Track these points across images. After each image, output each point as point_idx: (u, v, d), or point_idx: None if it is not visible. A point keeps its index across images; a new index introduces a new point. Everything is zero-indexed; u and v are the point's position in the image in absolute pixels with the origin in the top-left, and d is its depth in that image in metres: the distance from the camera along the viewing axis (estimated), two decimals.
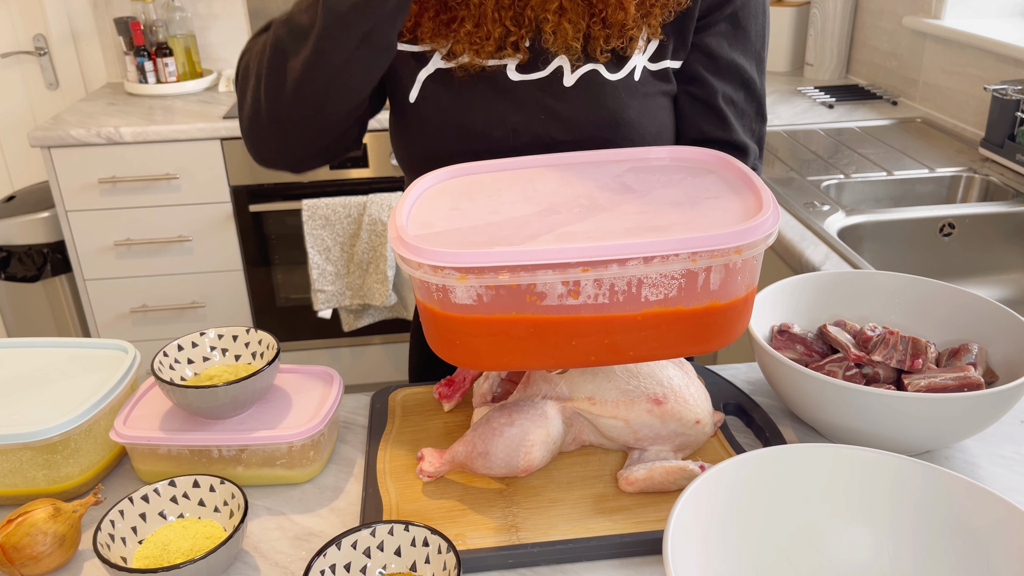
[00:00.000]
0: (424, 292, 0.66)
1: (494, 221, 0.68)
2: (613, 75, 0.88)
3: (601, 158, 0.81)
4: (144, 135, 2.29)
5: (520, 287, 0.63)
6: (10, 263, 2.52)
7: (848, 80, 2.55)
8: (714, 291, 0.65)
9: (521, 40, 0.87)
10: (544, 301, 0.64)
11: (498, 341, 0.66)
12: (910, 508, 0.67)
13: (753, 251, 0.64)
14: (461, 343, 0.67)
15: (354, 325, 2.53)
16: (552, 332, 0.66)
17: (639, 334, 0.67)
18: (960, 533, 0.64)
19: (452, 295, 0.64)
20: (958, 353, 0.87)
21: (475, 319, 0.65)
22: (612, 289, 0.63)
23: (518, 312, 0.64)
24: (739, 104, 0.94)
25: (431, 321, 0.68)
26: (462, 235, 0.66)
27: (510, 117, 0.89)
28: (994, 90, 1.71)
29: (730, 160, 0.76)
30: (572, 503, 0.77)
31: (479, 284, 0.62)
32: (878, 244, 1.53)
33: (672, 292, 0.64)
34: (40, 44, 2.78)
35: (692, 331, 0.67)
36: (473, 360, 0.69)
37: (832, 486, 0.68)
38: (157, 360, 0.85)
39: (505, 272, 0.62)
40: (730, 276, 0.65)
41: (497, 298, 0.63)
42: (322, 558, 0.65)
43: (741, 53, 0.92)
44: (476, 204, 0.72)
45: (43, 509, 0.72)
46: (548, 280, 0.63)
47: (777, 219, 0.66)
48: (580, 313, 0.65)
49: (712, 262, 0.63)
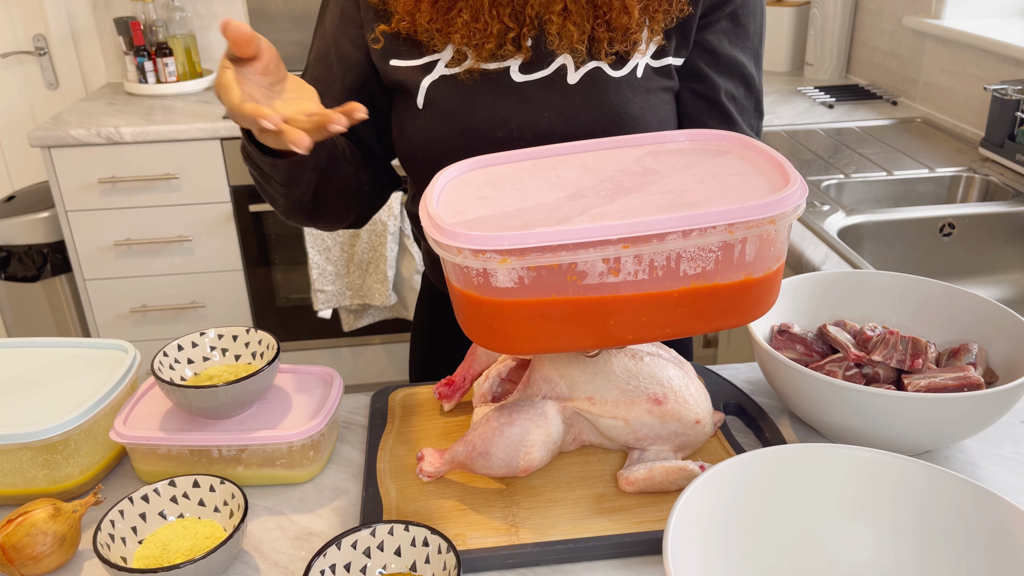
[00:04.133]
0: (463, 279, 0.66)
1: (524, 207, 0.68)
2: (616, 72, 0.89)
3: (617, 144, 0.81)
4: (144, 135, 2.29)
5: (562, 267, 0.63)
6: (10, 263, 2.52)
7: (848, 80, 2.55)
8: (749, 263, 0.66)
9: (523, 38, 0.87)
10: (585, 280, 0.64)
11: (536, 324, 0.66)
12: (910, 508, 0.67)
13: (786, 220, 0.65)
14: (500, 328, 0.67)
15: (354, 325, 2.53)
16: (591, 312, 0.66)
17: (675, 311, 0.67)
18: (960, 533, 0.64)
19: (493, 279, 0.64)
20: (958, 353, 0.87)
21: (515, 303, 0.65)
22: (652, 265, 0.64)
23: (558, 294, 0.64)
24: (740, 100, 0.95)
25: (469, 307, 0.67)
26: (496, 220, 0.66)
27: (514, 117, 0.89)
28: (994, 90, 1.71)
29: (747, 140, 0.77)
30: (572, 503, 0.77)
31: (521, 266, 0.62)
32: (878, 244, 1.53)
33: (710, 265, 0.65)
34: (40, 44, 2.78)
35: (726, 305, 0.68)
36: (511, 344, 0.69)
37: (832, 486, 0.68)
38: (157, 360, 0.85)
39: (548, 252, 0.62)
40: (764, 247, 0.65)
41: (538, 279, 0.63)
42: (322, 558, 0.65)
43: (741, 50, 0.93)
44: (503, 192, 0.72)
45: (43, 509, 0.72)
46: (589, 258, 0.63)
47: (805, 190, 0.66)
48: (619, 292, 0.65)
49: (748, 233, 0.64)
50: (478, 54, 0.87)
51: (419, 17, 0.88)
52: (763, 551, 0.67)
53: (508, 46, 0.87)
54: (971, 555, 0.64)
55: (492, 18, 0.86)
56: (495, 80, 0.89)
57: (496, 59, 0.89)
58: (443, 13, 0.87)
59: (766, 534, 0.67)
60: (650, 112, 0.90)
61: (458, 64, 0.89)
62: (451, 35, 0.87)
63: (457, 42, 0.87)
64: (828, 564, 0.67)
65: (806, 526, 0.68)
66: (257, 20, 2.81)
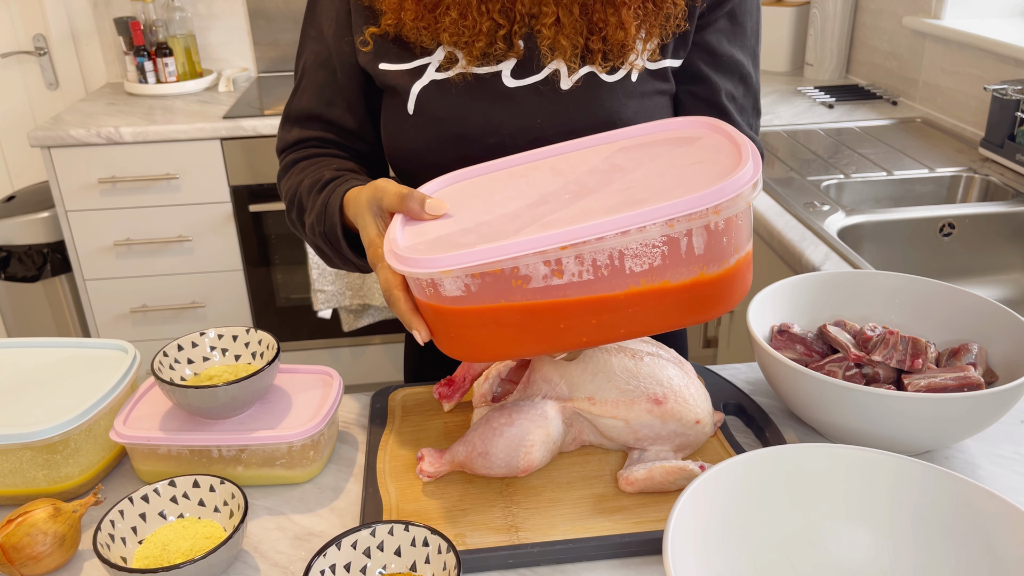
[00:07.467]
0: (418, 289, 0.68)
1: (485, 220, 0.69)
2: (611, 77, 0.88)
3: (592, 143, 0.80)
4: (144, 135, 2.29)
5: (504, 272, 0.63)
6: (10, 263, 2.52)
7: (848, 80, 2.55)
8: (700, 256, 0.64)
9: (514, 35, 0.86)
10: (531, 284, 0.64)
11: (489, 331, 0.67)
12: (910, 508, 0.67)
13: (733, 209, 0.63)
14: (457, 335, 0.68)
15: (354, 325, 2.53)
16: (541, 316, 0.66)
17: (627, 311, 0.66)
18: (960, 533, 0.64)
19: (442, 288, 0.65)
20: (958, 353, 0.87)
21: (467, 310, 0.66)
22: (595, 264, 0.63)
23: (507, 299, 0.65)
24: (739, 100, 0.95)
25: (429, 317, 0.69)
26: (452, 239, 0.67)
27: (507, 123, 0.88)
28: (994, 90, 1.71)
29: (717, 123, 0.75)
30: (572, 503, 0.77)
31: (464, 274, 0.64)
32: (878, 244, 1.53)
33: (656, 261, 0.63)
34: (40, 44, 2.78)
35: (682, 303, 0.66)
36: (470, 352, 0.70)
37: (832, 486, 0.68)
38: (157, 360, 0.85)
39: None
40: (714, 239, 0.64)
41: (484, 286, 0.64)
42: (322, 558, 0.65)
43: (739, 49, 0.93)
44: (470, 207, 0.73)
45: (43, 509, 0.72)
46: (529, 262, 0.63)
47: (756, 173, 0.64)
48: (567, 294, 0.65)
49: (691, 225, 0.62)
50: (469, 54, 0.86)
51: (405, 16, 0.86)
52: (763, 551, 0.67)
53: (499, 44, 0.86)
54: (970, 555, 0.64)
55: (481, 15, 0.85)
56: (487, 85, 0.88)
57: (488, 60, 0.87)
58: (429, 11, 0.86)
59: (766, 534, 0.67)
60: (644, 116, 0.89)
61: (449, 68, 0.88)
62: (439, 34, 0.86)
63: (446, 41, 0.86)
64: (828, 564, 0.67)
65: (806, 526, 0.68)
66: (257, 20, 2.81)
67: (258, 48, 2.87)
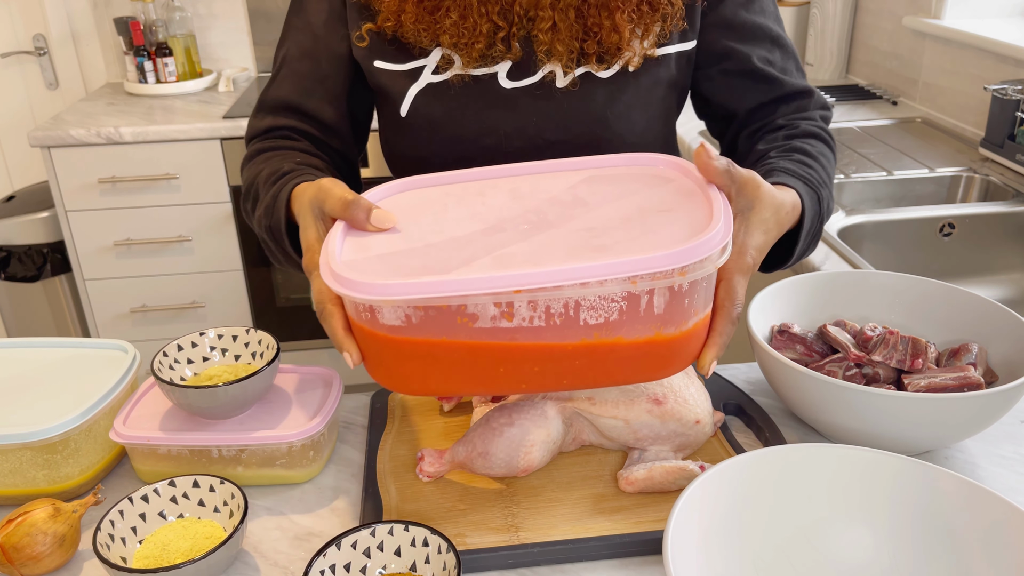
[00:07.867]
0: (354, 311, 0.63)
1: (434, 242, 0.64)
2: (606, 72, 0.87)
3: (558, 167, 0.76)
4: (144, 135, 2.29)
5: (450, 308, 0.59)
6: (10, 263, 2.52)
7: (848, 80, 2.55)
8: (659, 315, 0.61)
9: (512, 37, 0.86)
10: (477, 323, 0.60)
11: (424, 365, 0.63)
12: (910, 508, 0.67)
13: (700, 272, 0.60)
14: (390, 365, 0.64)
15: None
16: (481, 358, 0.62)
17: (573, 363, 0.62)
18: (960, 533, 0.64)
19: (380, 315, 0.60)
20: (958, 353, 0.87)
21: (403, 340, 0.61)
22: (548, 311, 0.59)
23: (448, 336, 0.60)
24: (777, 63, 0.91)
25: (362, 340, 0.64)
26: (397, 259, 0.62)
27: (503, 125, 0.88)
28: (994, 90, 1.71)
29: (689, 167, 0.71)
30: (572, 503, 0.77)
31: (407, 304, 0.59)
32: (878, 244, 1.53)
33: (613, 316, 0.60)
34: (40, 44, 2.78)
35: (631, 361, 0.63)
36: (400, 383, 0.66)
37: (832, 486, 0.68)
38: (157, 360, 0.84)
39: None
40: (676, 300, 0.60)
41: (426, 320, 0.60)
42: (322, 558, 0.65)
43: (760, 14, 0.90)
44: (419, 224, 0.68)
45: (43, 509, 0.72)
46: (480, 301, 0.59)
47: (727, 235, 0.61)
48: (515, 339, 0.60)
49: (655, 284, 0.59)
50: (468, 55, 0.86)
51: (405, 18, 0.86)
52: (763, 551, 0.67)
53: (498, 46, 0.86)
54: (970, 555, 0.64)
55: (481, 16, 0.84)
56: (483, 87, 0.88)
57: (486, 61, 0.87)
58: (429, 13, 0.85)
59: (766, 534, 0.67)
60: (639, 110, 0.88)
61: (445, 70, 0.88)
62: (439, 35, 0.86)
63: (446, 43, 0.86)
64: (828, 564, 0.67)
65: (806, 526, 0.68)
66: (257, 20, 2.81)
67: (258, 48, 2.87)
